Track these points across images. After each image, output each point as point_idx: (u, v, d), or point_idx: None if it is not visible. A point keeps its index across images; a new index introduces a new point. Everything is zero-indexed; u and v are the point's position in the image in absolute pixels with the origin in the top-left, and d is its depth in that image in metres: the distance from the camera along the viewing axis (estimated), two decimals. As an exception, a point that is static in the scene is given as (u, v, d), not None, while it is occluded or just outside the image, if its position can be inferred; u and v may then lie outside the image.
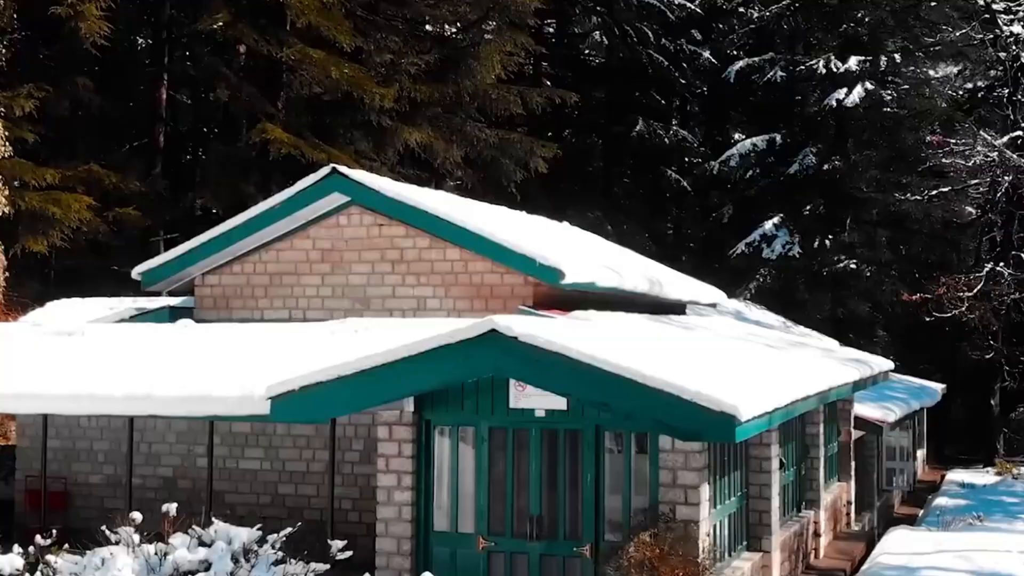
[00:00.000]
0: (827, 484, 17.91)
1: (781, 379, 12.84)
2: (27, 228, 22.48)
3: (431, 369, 10.96)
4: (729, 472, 12.51)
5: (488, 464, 11.38)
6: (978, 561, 15.17)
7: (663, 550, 10.15)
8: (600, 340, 11.52)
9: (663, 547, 10.18)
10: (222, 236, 15.62)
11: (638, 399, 10.20)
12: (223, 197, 25.63)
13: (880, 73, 36.73)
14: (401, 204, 15.12)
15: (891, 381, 28.75)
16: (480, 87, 30.11)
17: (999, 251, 37.10)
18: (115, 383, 12.35)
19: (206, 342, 13.85)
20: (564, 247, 16.64)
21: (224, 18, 24.67)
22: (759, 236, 37.28)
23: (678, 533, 10.41)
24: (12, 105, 22.02)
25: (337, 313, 15.33)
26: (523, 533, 11.15)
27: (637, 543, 10.24)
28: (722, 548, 12.09)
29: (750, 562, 12.68)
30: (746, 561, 12.68)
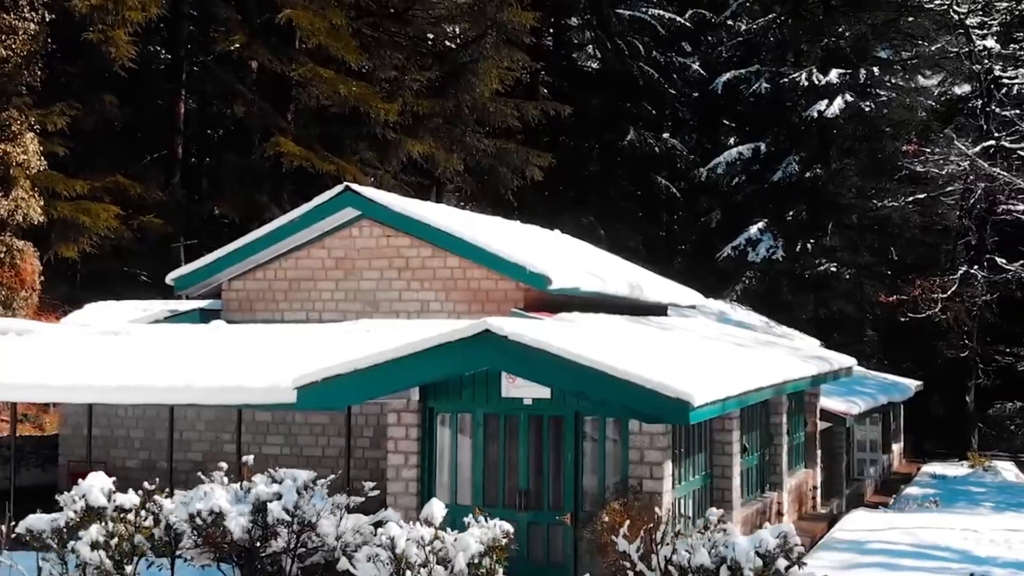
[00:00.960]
0: (792, 470, 19.71)
1: (740, 372, 14.66)
2: (59, 235, 24.28)
3: (434, 364, 12.76)
4: (693, 454, 14.32)
5: (483, 446, 13.17)
6: (921, 536, 17.01)
7: (631, 516, 11.95)
8: (580, 339, 13.34)
9: (631, 513, 11.98)
10: (247, 246, 17.44)
11: (609, 388, 12.01)
12: (239, 206, 27.47)
13: (860, 85, 38.54)
14: (407, 218, 16.95)
15: (864, 377, 30.63)
16: (479, 100, 31.96)
17: (973, 254, 38.99)
18: (158, 376, 14.15)
19: (235, 340, 15.67)
20: (552, 255, 18.47)
21: (240, 40, 26.50)
22: (744, 240, 39.18)
23: (644, 502, 12.20)
24: (45, 122, 23.82)
25: (350, 315, 17.14)
26: (513, 504, 12.93)
27: (609, 511, 12.03)
28: (687, 519, 13.88)
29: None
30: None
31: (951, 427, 41.19)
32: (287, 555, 8.75)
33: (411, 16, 30.77)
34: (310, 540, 8.84)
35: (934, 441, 41.66)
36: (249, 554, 8.84)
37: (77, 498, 9.18)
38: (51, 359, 15.06)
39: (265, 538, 8.75)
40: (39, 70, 23.59)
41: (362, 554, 8.32)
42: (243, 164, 28.48)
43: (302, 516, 8.71)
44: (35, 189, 23.24)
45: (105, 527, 8.85)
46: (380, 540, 8.39)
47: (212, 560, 8.99)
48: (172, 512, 9.17)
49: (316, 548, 8.86)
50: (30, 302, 22.98)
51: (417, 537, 8.42)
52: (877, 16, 39.65)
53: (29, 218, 23.02)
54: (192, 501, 8.96)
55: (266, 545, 8.77)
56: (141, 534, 9.02)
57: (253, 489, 8.93)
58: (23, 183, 22.90)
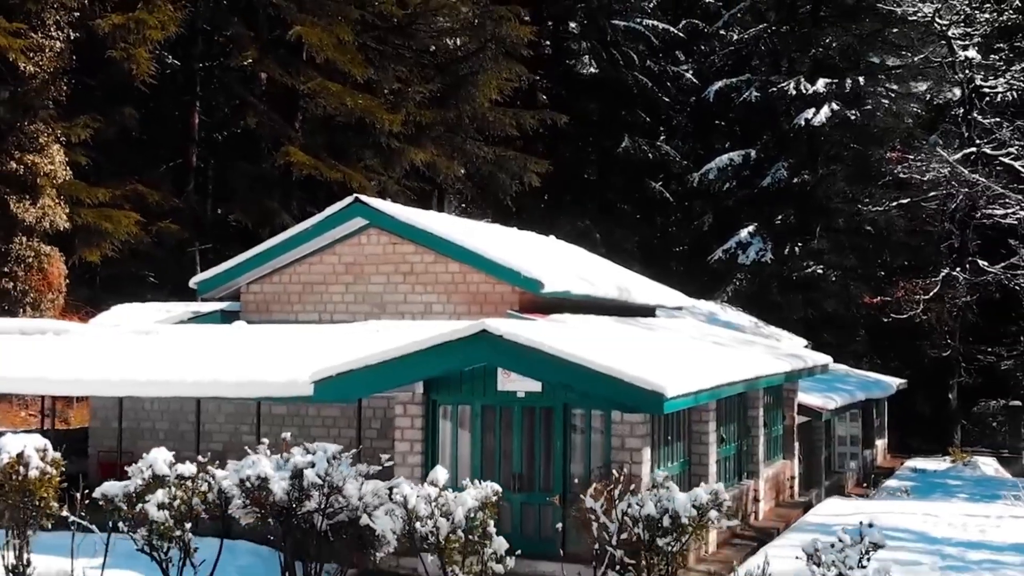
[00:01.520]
0: (770, 460, 21.14)
1: (714, 368, 16.13)
2: (83, 241, 25.75)
3: (436, 360, 14.19)
4: (672, 442, 15.78)
5: (481, 434, 14.62)
6: (884, 520, 18.32)
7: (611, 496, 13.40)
8: (568, 338, 14.79)
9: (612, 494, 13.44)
10: (264, 252, 18.90)
11: (593, 382, 13.46)
12: (250, 212, 28.94)
13: (846, 94, 39.97)
14: (411, 227, 18.41)
15: (847, 375, 32.09)
16: (479, 110, 33.44)
17: (956, 257, 40.44)
18: (187, 372, 15.60)
19: (255, 340, 17.12)
20: (546, 261, 19.93)
21: (252, 55, 27.99)
22: (735, 243, 40.66)
23: (624, 484, 13.66)
24: (70, 134, 25.29)
25: (359, 316, 18.59)
26: (508, 486, 14.31)
27: (593, 491, 13.49)
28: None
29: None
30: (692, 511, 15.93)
31: (935, 424, 42.59)
32: (318, 513, 10.37)
33: (414, 30, 32.24)
34: (337, 501, 10.43)
35: (919, 438, 43.01)
36: (287, 513, 10.45)
37: (144, 468, 10.69)
38: (88, 357, 16.51)
39: (301, 499, 10.37)
40: (64, 85, 25.05)
41: (380, 511, 9.92)
42: (254, 172, 29.96)
43: (331, 481, 10.32)
44: (60, 197, 24.70)
45: (168, 492, 10.40)
46: (395, 498, 9.98)
47: (257, 518, 10.56)
48: (224, 479, 10.74)
49: (342, 508, 10.44)
50: (56, 304, 24.44)
51: (425, 495, 9.99)
52: (864, 27, 41.11)
53: (55, 225, 24.49)
54: (242, 468, 10.53)
55: (301, 505, 10.38)
56: (197, 497, 10.57)
57: (291, 459, 10.54)
58: (49, 192, 24.37)
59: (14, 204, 23.99)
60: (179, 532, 10.31)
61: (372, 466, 10.92)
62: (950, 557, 15.52)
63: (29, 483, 10.29)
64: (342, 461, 10.60)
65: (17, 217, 24.00)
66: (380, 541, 10.25)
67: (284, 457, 10.71)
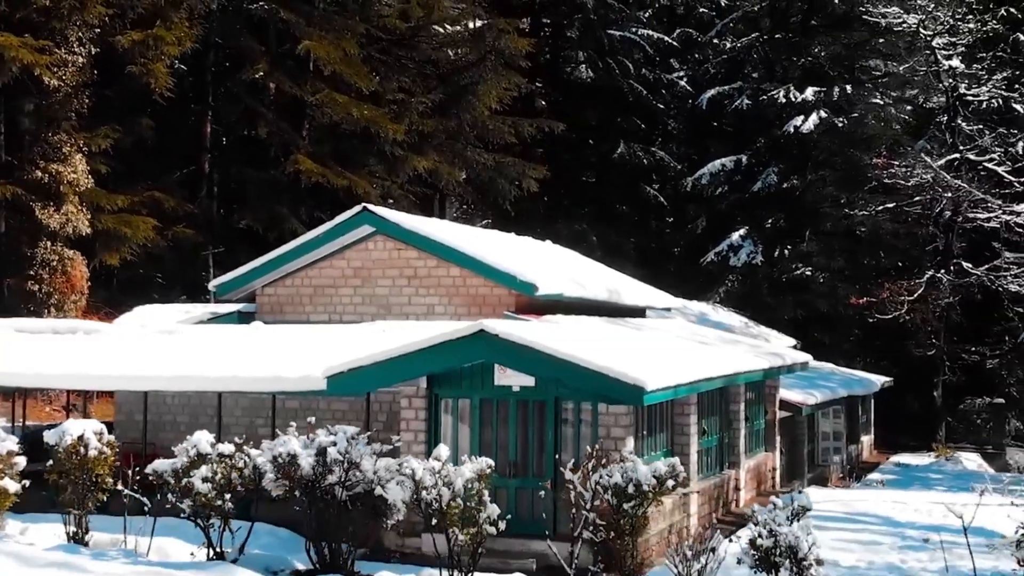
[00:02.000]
0: (752, 452, 22.54)
1: (695, 365, 17.52)
2: (103, 245, 27.15)
3: (438, 357, 15.57)
4: (656, 433, 17.16)
5: (479, 425, 15.99)
6: (855, 506, 19.87)
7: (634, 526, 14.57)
8: (559, 337, 16.17)
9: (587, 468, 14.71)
10: (278, 257, 20.31)
11: (581, 377, 14.84)
12: (261, 217, 30.36)
13: (834, 102, 41.31)
14: (415, 234, 19.81)
15: (832, 372, 33.47)
16: (479, 119, 34.87)
17: (940, 259, 41.77)
18: (209, 368, 16.98)
19: (270, 339, 18.51)
20: (541, 265, 21.32)
21: (263, 68, 29.41)
22: (727, 246, 42.03)
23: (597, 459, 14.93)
24: (91, 144, 26.69)
25: (366, 317, 19.98)
26: (504, 472, 15.69)
27: (571, 466, 14.79)
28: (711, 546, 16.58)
29: (672, 499, 17.30)
30: (669, 498, 17.30)
31: (922, 421, 43.86)
32: (339, 486, 11.88)
33: (416, 42, 33.65)
34: (355, 475, 11.88)
35: (906, 434, 44.30)
36: (312, 485, 11.96)
37: (190, 448, 12.14)
38: (117, 355, 17.91)
39: (324, 473, 11.86)
40: (86, 98, 26.45)
41: (392, 483, 11.39)
42: (264, 179, 31.35)
43: (350, 458, 11.80)
44: (82, 204, 26.11)
45: (210, 467, 11.84)
46: (404, 471, 11.45)
47: (286, 490, 12.03)
48: (258, 456, 12.21)
49: (359, 481, 11.89)
50: (79, 305, 25.85)
51: (429, 468, 11.45)
52: (852, 36, 42.47)
53: (78, 230, 25.90)
54: (275, 447, 12.00)
55: (324, 478, 11.88)
56: (235, 472, 12.01)
57: (316, 439, 11.98)
58: (72, 199, 25.79)
59: (39, 211, 25.39)
60: (220, 502, 11.81)
61: (384, 445, 12.35)
62: (909, 538, 16.87)
63: (88, 461, 11.73)
64: (359, 441, 12.07)
65: (42, 223, 25.40)
66: (391, 509, 11.75)
67: (310, 437, 12.17)
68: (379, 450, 12.04)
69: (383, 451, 12.12)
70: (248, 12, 30.79)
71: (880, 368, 40.92)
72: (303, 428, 12.64)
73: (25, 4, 24.66)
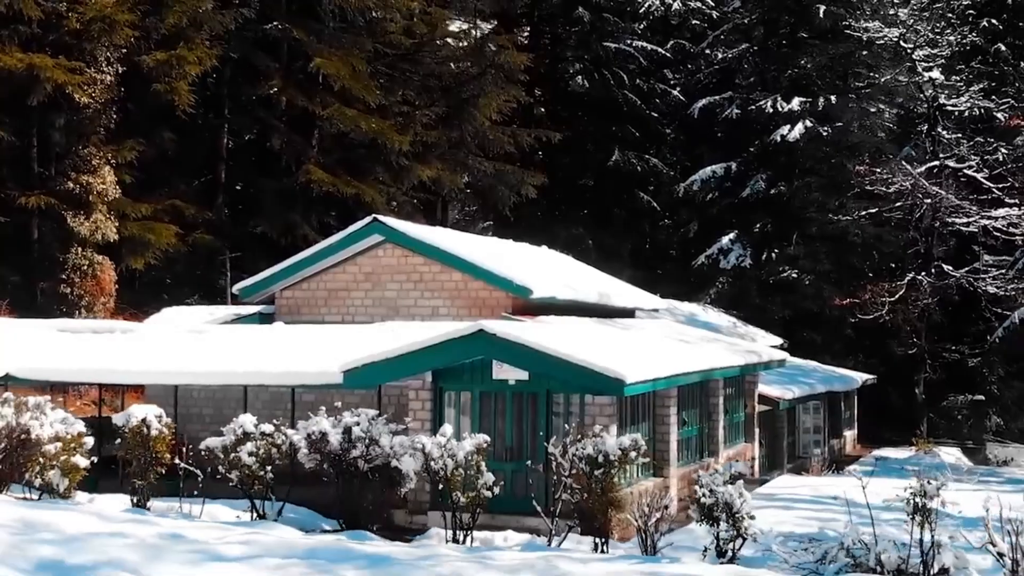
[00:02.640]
0: (731, 443, 24.42)
1: (673, 361, 19.42)
2: (129, 250, 29.07)
3: (442, 354, 17.49)
4: (638, 422, 19.06)
5: (479, 414, 17.90)
6: (821, 490, 21.74)
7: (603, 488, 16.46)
8: (550, 336, 18.08)
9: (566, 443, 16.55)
10: (296, 263, 22.22)
11: (569, 371, 16.75)
12: (275, 223, 32.29)
13: (819, 111, 43.21)
14: (421, 242, 21.72)
15: (814, 370, 35.33)
16: (480, 129, 36.79)
17: (921, 262, 43.65)
18: (236, 364, 18.90)
19: (290, 338, 20.42)
20: (536, 270, 23.23)
21: (277, 84, 31.35)
22: (717, 249, 43.97)
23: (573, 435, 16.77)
24: (118, 156, 28.63)
25: (376, 318, 21.87)
26: (501, 457, 17.61)
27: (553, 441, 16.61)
28: (634, 471, 18.60)
29: (654, 482, 19.22)
30: (651, 481, 19.23)
31: (905, 417, 45.77)
32: (361, 459, 13.92)
33: (421, 57, 35.57)
34: (374, 449, 13.91)
35: (890, 429, 46.19)
36: (339, 458, 13.97)
37: (236, 428, 14.11)
38: (152, 352, 19.84)
39: (349, 448, 13.91)
40: (113, 113, 28.39)
41: (406, 456, 13.41)
42: (278, 187, 33.27)
43: (371, 435, 13.80)
44: (110, 212, 28.04)
45: (254, 444, 13.82)
46: (415, 445, 13.46)
47: (316, 463, 14.05)
48: (294, 434, 14.22)
49: (378, 455, 13.90)
50: (107, 306, 27.78)
51: (437, 442, 13.41)
52: (838, 48, 44.36)
53: (106, 236, 27.83)
54: (308, 426, 14.01)
55: (349, 452, 13.86)
56: (274, 448, 13.99)
57: (343, 419, 13.95)
58: (101, 208, 27.72)
59: (71, 219, 27.32)
60: (262, 473, 13.82)
61: (399, 425, 14.34)
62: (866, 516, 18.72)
63: (150, 439, 13.67)
64: (378, 421, 14.04)
65: (73, 230, 27.32)
66: (405, 479, 13.76)
67: (337, 418, 14.16)
68: (395, 428, 14.04)
69: (397, 430, 14.11)
70: (263, 31, 32.69)
71: (867, 366, 42.73)
72: (333, 410, 14.59)
73: (58, 27, 26.58)
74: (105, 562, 8.25)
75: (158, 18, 28.21)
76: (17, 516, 10.16)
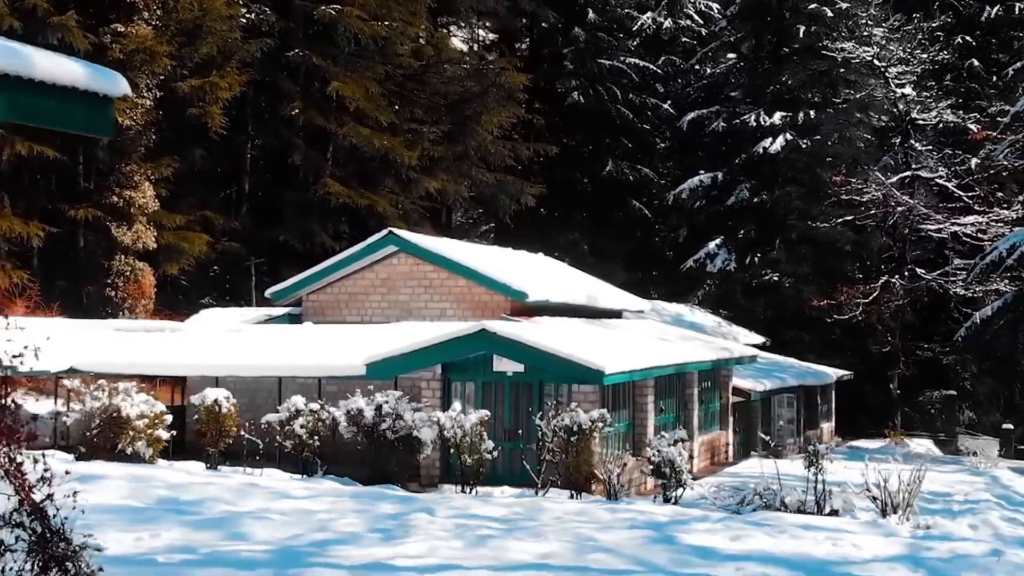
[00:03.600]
0: (706, 430, 27.48)
1: (649, 355, 22.47)
2: (166, 257, 32.13)
3: (450, 350, 20.56)
4: (619, 409, 22.11)
5: (481, 401, 20.94)
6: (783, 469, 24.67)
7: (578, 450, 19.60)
8: (543, 334, 21.14)
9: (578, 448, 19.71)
10: (321, 271, 25.29)
11: (557, 364, 19.80)
12: (296, 233, 35.38)
13: (799, 125, 46.24)
14: (430, 252, 24.78)
15: (790, 365, 38.34)
16: (483, 143, 39.86)
17: (895, 265, 46.69)
18: (271, 358, 21.93)
19: (316, 336, 23.48)
20: (532, 275, 26.28)
21: (299, 106, 34.43)
22: (704, 254, 47.04)
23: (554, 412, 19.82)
24: (156, 172, 31.71)
25: (391, 318, 24.92)
26: (501, 437, 20.61)
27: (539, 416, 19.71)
28: (616, 450, 21.66)
29: (634, 460, 22.28)
30: (631, 459, 22.28)
31: (881, 410, 48.77)
32: (389, 430, 17.06)
33: (427, 78, 38.64)
34: (399, 423, 16.99)
35: (867, 422, 49.20)
36: (372, 429, 17.09)
37: (290, 407, 17.23)
38: (198, 348, 22.90)
39: (379, 422, 16.99)
40: (152, 134, 31.47)
41: (424, 427, 16.58)
42: (298, 199, 36.36)
43: (397, 411, 16.88)
44: (149, 223, 31.12)
45: (304, 418, 16.96)
46: (432, 419, 16.63)
47: (353, 434, 17.20)
48: (336, 411, 17.37)
49: (402, 428, 17.01)
50: (147, 308, 30.85)
51: (449, 416, 16.55)
52: (818, 65, 47.40)
53: (145, 245, 30.89)
54: (348, 404, 17.17)
55: (379, 426, 16.93)
56: (319, 423, 17.12)
57: (375, 398, 17.11)
58: (141, 219, 30.79)
59: (114, 229, 30.38)
60: (310, 442, 16.96)
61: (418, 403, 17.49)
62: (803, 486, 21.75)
63: (221, 416, 16.77)
64: (402, 400, 17.20)
65: (117, 240, 30.39)
66: (424, 446, 16.89)
67: (370, 398, 17.31)
68: (415, 407, 17.20)
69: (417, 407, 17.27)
70: (286, 58, 35.80)
71: (847, 363, 45.65)
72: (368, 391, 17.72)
73: (103, 58, 29.62)
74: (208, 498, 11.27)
75: (192, 48, 31.30)
76: (126, 473, 13.20)
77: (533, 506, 12.39)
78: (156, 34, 30.35)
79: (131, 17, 30.37)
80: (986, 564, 10.10)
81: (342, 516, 10.91)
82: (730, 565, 9.42)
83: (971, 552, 10.81)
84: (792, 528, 11.99)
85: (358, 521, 10.58)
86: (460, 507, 11.99)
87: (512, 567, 8.69)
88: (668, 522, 11.89)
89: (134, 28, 30.11)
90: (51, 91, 5.45)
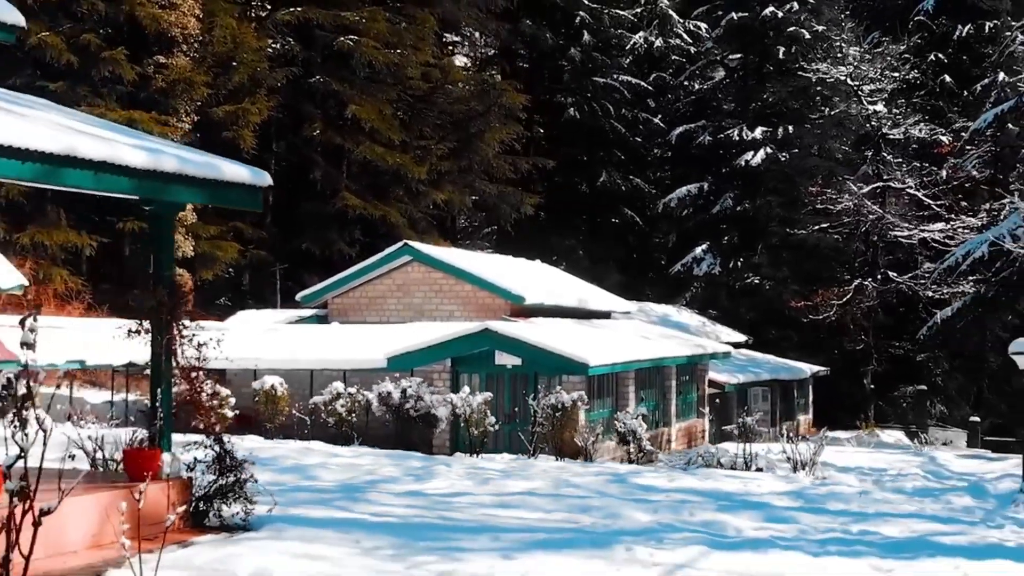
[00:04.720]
0: (684, 417, 31.10)
1: (630, 350, 26.10)
2: (201, 264, 35.78)
3: (458, 346, 24.19)
4: (604, 397, 25.74)
5: (485, 390, 24.44)
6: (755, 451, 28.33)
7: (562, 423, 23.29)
8: (538, 333, 24.77)
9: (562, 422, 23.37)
10: (344, 277, 28.96)
11: (550, 358, 23.43)
12: (316, 241, 39.09)
13: (779, 139, 49.85)
14: (440, 261, 28.44)
15: (766, 360, 41.96)
16: (485, 158, 43.55)
17: (868, 269, 50.30)
18: (304, 353, 25.55)
19: (342, 334, 27.11)
20: (529, 280, 29.93)
21: (319, 126, 38.14)
22: (691, 258, 50.68)
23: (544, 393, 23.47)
24: (192, 188, 35.34)
25: (406, 319, 28.53)
26: (502, 420, 24.27)
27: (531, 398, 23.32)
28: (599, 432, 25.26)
29: (614, 443, 25.90)
30: (611, 442, 25.91)
31: (856, 404, 52.31)
32: (411, 409, 20.70)
33: (435, 99, 42.35)
34: (420, 403, 20.67)
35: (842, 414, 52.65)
36: (398, 408, 20.76)
37: (332, 390, 20.92)
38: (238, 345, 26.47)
39: (404, 403, 20.63)
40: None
41: (440, 407, 20.30)
42: (318, 210, 40.07)
43: (418, 393, 20.56)
44: (188, 233, 34.79)
45: (344, 400, 20.67)
46: (446, 399, 20.34)
47: (384, 412, 20.90)
48: (369, 394, 21.08)
49: (422, 407, 20.72)
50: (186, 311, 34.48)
51: (460, 397, 20.25)
52: (797, 84, 51.03)
53: (184, 253, 34.56)
54: (380, 388, 20.87)
55: (404, 405, 20.60)
56: (356, 402, 20.84)
57: (401, 383, 20.80)
58: (181, 230, 34.45)
59: (157, 240, 34.05)
60: (349, 419, 20.66)
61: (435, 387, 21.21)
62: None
63: (276, 398, 20.48)
64: (423, 386, 20.92)
65: (159, 249, 34.05)
66: (439, 422, 20.61)
67: (397, 384, 21.03)
68: (433, 390, 20.93)
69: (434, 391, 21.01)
70: (308, 84, 39.52)
71: (827, 359, 49.14)
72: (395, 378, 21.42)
73: (147, 87, 33.32)
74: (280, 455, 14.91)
75: (227, 77, 34.98)
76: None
77: (525, 464, 16.12)
78: (194, 65, 34.01)
79: (171, 50, 34.05)
80: (849, 496, 13.73)
81: (382, 467, 14.57)
82: (662, 494, 13.03)
83: (844, 492, 14.43)
84: (718, 476, 15.64)
85: (395, 470, 14.23)
86: (470, 464, 15.72)
87: (509, 493, 12.37)
88: (626, 472, 15.60)
89: (174, 60, 33.79)
90: (232, 186, 9.18)
